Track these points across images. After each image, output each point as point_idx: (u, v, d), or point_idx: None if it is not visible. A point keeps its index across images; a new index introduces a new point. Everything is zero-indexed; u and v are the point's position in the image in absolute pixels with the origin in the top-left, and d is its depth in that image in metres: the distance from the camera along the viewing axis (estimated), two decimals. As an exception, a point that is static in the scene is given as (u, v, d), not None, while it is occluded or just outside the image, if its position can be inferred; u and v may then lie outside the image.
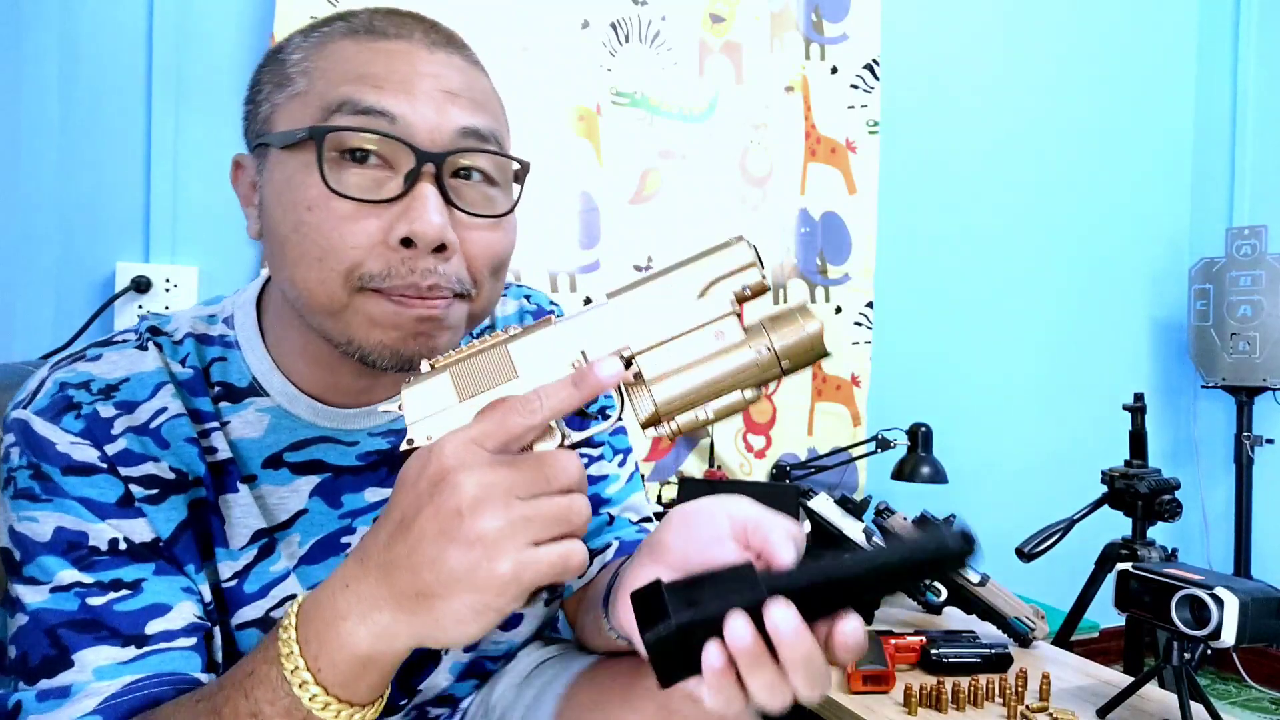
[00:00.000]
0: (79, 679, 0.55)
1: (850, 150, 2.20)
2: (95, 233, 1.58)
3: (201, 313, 0.70)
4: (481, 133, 0.61)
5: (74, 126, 1.55)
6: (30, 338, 1.52)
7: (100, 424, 0.60)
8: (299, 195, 0.58)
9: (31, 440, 0.59)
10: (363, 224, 0.57)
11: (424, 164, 0.57)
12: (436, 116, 0.59)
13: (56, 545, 0.58)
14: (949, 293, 2.45)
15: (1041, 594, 1.84)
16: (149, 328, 0.67)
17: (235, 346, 0.68)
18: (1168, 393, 2.82)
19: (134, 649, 0.57)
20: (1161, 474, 1.68)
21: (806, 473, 2.02)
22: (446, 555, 0.45)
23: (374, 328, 0.58)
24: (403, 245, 0.57)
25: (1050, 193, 2.59)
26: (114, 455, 0.60)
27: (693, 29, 2.03)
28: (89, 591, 0.57)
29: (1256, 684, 2.59)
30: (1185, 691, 1.00)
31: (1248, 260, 2.49)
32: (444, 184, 0.58)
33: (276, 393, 0.67)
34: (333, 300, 0.58)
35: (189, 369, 0.65)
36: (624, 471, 0.87)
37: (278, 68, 0.63)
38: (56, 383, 0.61)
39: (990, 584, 1.28)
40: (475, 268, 0.61)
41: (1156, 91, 2.77)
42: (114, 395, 0.62)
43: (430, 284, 0.58)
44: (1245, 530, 2.57)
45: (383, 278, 0.57)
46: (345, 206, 0.57)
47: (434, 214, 0.57)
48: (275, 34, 1.62)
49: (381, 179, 0.58)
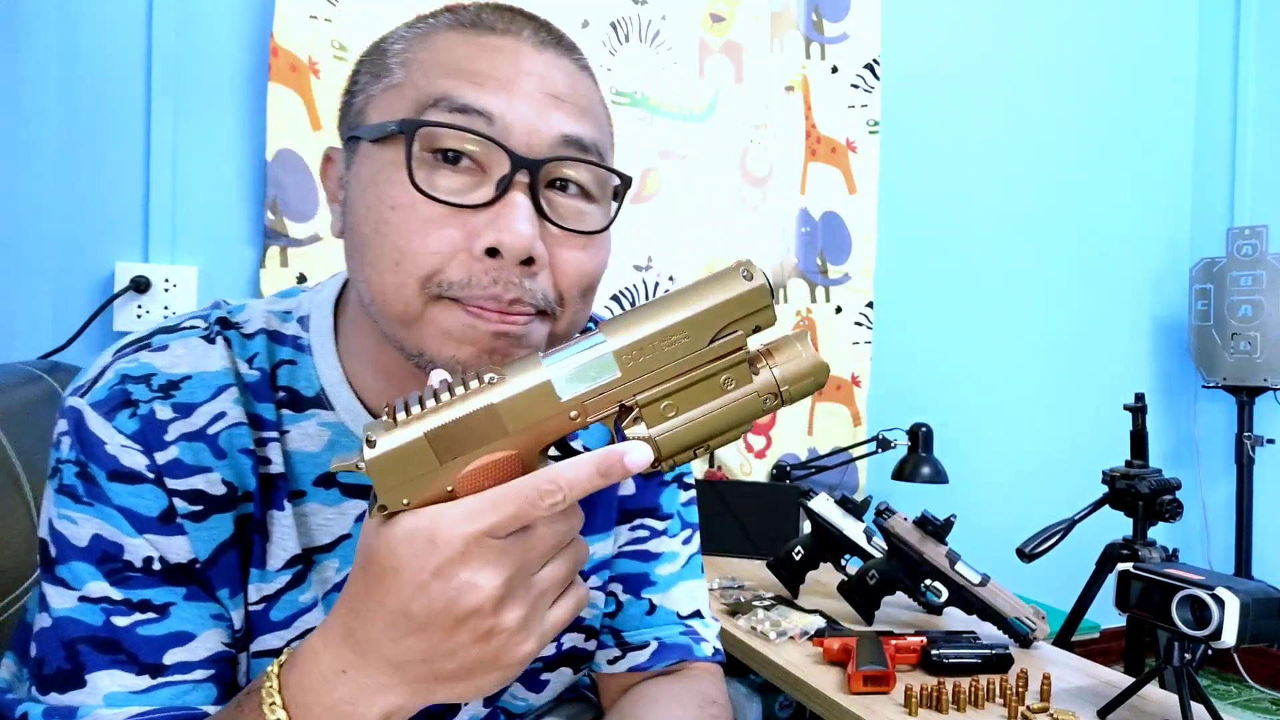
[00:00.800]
0: (88, 702, 0.54)
1: (850, 150, 2.20)
2: (94, 232, 1.58)
3: (276, 307, 0.66)
4: (584, 142, 0.57)
5: (73, 126, 1.55)
6: (29, 338, 1.52)
7: (155, 427, 0.57)
8: (384, 193, 0.55)
9: (83, 435, 0.57)
10: (448, 229, 0.53)
11: (519, 170, 0.54)
12: (537, 120, 0.55)
13: (91, 553, 0.56)
14: (949, 293, 2.44)
15: (1042, 594, 1.84)
16: (219, 319, 0.63)
17: (307, 351, 0.64)
18: (1168, 393, 2.82)
19: (148, 679, 0.55)
20: (1162, 474, 1.68)
21: (807, 473, 2.02)
22: (470, 652, 0.44)
23: (448, 340, 0.54)
24: (488, 255, 0.53)
25: (1050, 192, 2.59)
26: (163, 465, 0.57)
27: (693, 29, 2.03)
28: (116, 610, 0.55)
29: (1257, 684, 2.59)
30: (1186, 692, 1.00)
31: (1248, 260, 2.49)
32: (538, 194, 0.54)
33: (343, 409, 0.63)
34: (408, 308, 0.54)
35: (256, 370, 0.62)
36: (685, 551, 0.81)
37: (378, 58, 0.59)
38: (118, 374, 0.58)
39: (991, 584, 1.28)
40: (563, 286, 0.56)
41: (1157, 91, 2.77)
42: (173, 395, 0.58)
43: (513, 298, 0.53)
44: (1246, 530, 2.57)
45: (462, 286, 0.53)
46: (431, 209, 0.53)
47: (524, 223, 0.53)
48: (275, 34, 1.62)
49: (472, 184, 0.54)
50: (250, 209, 1.68)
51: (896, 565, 1.33)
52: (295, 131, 1.64)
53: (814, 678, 1.15)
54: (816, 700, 1.13)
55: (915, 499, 1.92)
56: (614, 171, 0.59)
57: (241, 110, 1.67)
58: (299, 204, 1.65)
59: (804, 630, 1.29)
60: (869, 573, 1.35)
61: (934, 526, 1.31)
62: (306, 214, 1.66)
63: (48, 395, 1.00)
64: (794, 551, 1.46)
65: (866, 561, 1.40)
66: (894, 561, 1.33)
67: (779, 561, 1.47)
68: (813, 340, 2.18)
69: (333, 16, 1.66)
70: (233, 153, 1.67)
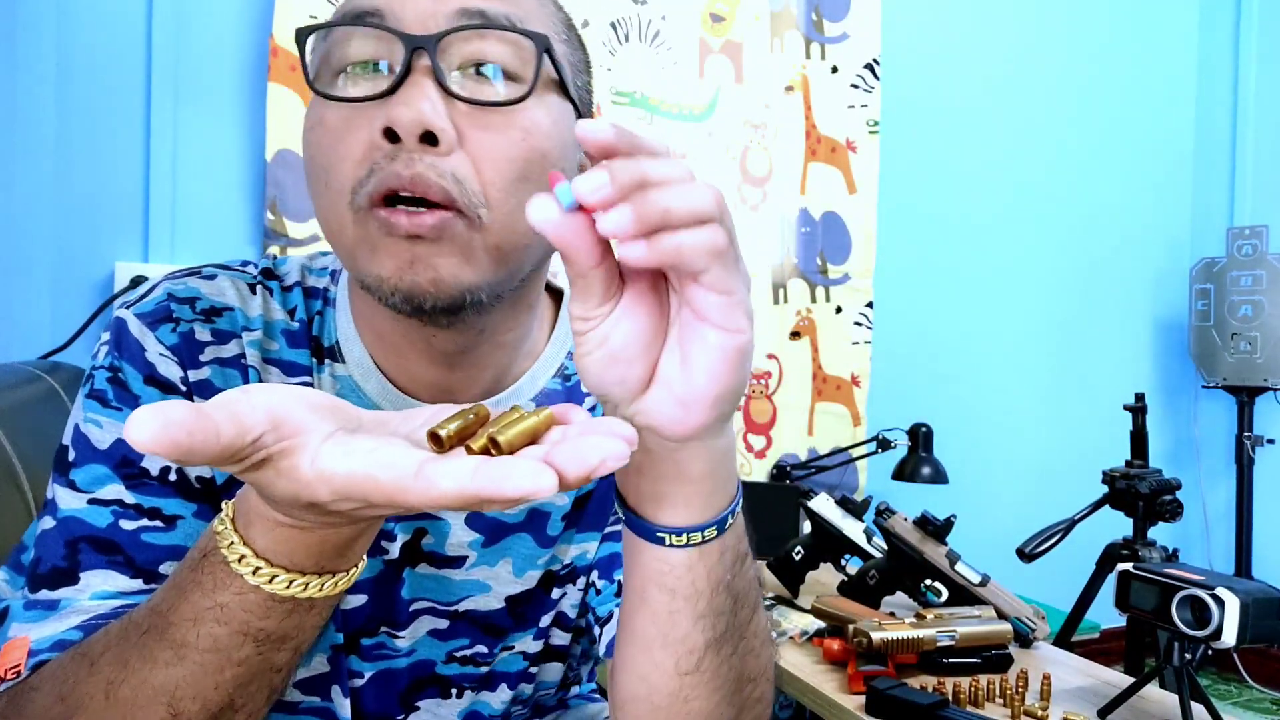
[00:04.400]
0: (75, 597, 0.54)
1: (850, 150, 2.20)
2: (94, 232, 1.58)
3: (313, 263, 0.66)
4: (487, 13, 0.51)
5: (72, 126, 1.55)
6: (29, 337, 1.52)
7: (192, 345, 0.58)
8: (308, 118, 0.54)
9: (124, 341, 0.58)
10: (356, 131, 0.51)
11: (414, 52, 0.49)
12: (432, 3, 0.51)
13: (111, 457, 0.56)
14: (949, 293, 2.44)
15: (1042, 594, 1.83)
16: (264, 270, 0.64)
17: (333, 304, 0.64)
18: (1169, 393, 2.82)
19: (140, 583, 0.55)
20: (1162, 474, 1.68)
21: (807, 473, 2.02)
22: None
23: (371, 256, 0.51)
24: (386, 139, 0.49)
25: (1051, 192, 2.59)
26: (195, 382, 0.58)
27: (693, 28, 2.03)
28: (125, 513, 0.55)
29: (1257, 684, 2.59)
30: (1186, 692, 1.00)
31: (1249, 260, 2.49)
32: (443, 76, 0.50)
33: (354, 363, 0.62)
34: (342, 229, 0.52)
35: (297, 322, 0.62)
36: None
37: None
38: (165, 291, 0.59)
39: (991, 584, 1.28)
40: (485, 176, 0.51)
41: (1157, 91, 2.77)
42: (214, 321, 0.59)
43: (413, 173, 0.49)
44: (1246, 530, 2.57)
45: (366, 181, 0.50)
46: (338, 114, 0.51)
47: (417, 97, 0.49)
48: (275, 34, 1.62)
49: (379, 84, 0.51)
50: (250, 209, 1.68)
51: (896, 565, 1.33)
52: (295, 131, 1.64)
53: (814, 678, 1.15)
54: (816, 700, 1.13)
55: (915, 499, 1.92)
56: (520, 31, 0.52)
57: (241, 110, 1.66)
58: (299, 204, 1.65)
59: (804, 630, 1.29)
60: (869, 573, 1.35)
61: (934, 526, 1.31)
62: (306, 214, 1.66)
63: (48, 395, 1.00)
64: (794, 551, 1.46)
65: (866, 561, 1.40)
66: (894, 561, 1.33)
67: (779, 561, 1.47)
68: (813, 340, 2.18)
69: (332, 16, 1.66)
70: (232, 153, 1.67)
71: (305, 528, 0.41)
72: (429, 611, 0.66)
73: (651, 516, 0.47)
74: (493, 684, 0.70)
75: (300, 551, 0.42)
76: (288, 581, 0.43)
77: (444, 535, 0.65)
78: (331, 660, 0.63)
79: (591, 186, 0.36)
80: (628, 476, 0.48)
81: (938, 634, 1.13)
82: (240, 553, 0.42)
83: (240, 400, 0.35)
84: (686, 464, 0.46)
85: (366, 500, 0.36)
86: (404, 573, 0.64)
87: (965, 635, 1.14)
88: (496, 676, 0.69)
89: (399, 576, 0.64)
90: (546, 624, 0.69)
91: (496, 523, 0.66)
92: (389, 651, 0.65)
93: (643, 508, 0.48)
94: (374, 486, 0.35)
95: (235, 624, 0.43)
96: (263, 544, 0.42)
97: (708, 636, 0.50)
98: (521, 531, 0.67)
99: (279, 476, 0.36)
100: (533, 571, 0.68)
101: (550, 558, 0.68)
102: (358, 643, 0.64)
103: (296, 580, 0.43)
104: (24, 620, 0.53)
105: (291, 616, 0.44)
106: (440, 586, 0.65)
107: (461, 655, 0.67)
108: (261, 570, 0.42)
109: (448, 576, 0.65)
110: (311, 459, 0.36)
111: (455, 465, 0.34)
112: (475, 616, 0.67)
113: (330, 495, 0.36)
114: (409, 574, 0.64)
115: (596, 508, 0.70)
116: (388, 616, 0.64)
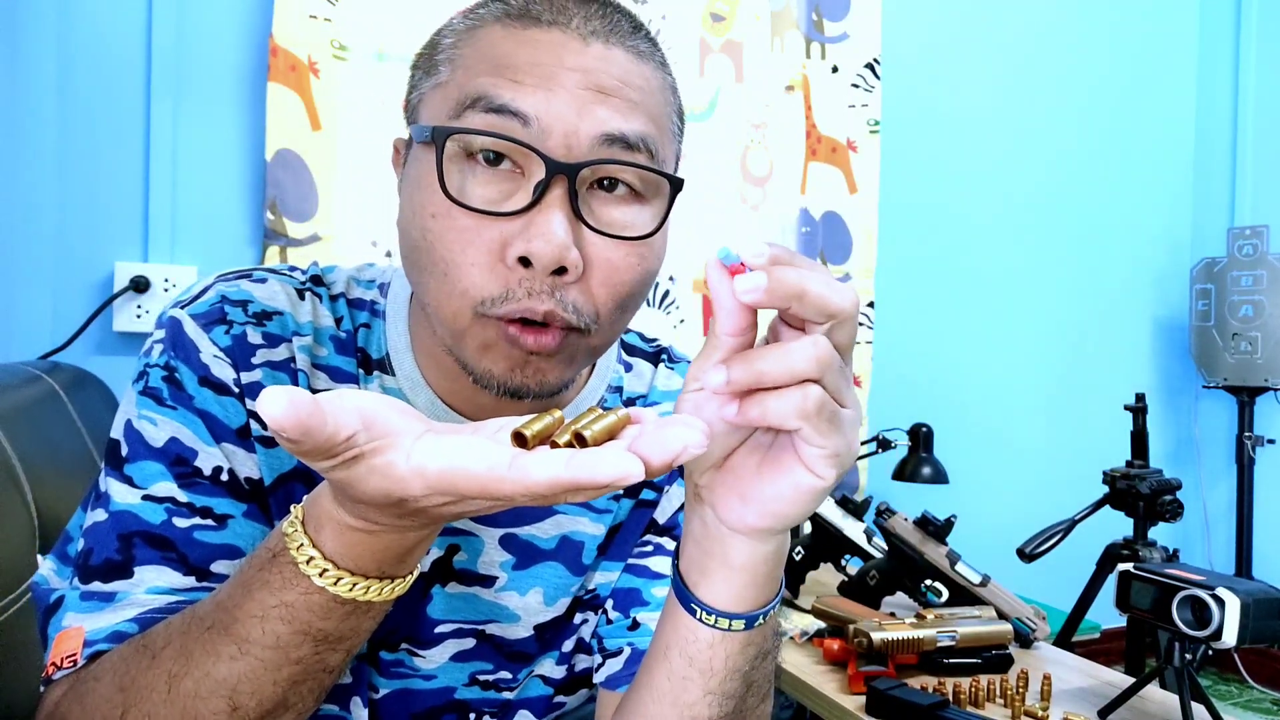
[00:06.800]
0: (131, 590, 0.54)
1: (851, 150, 2.20)
2: (94, 232, 1.57)
3: (360, 275, 0.67)
4: (629, 139, 0.53)
5: (72, 126, 1.55)
6: (28, 338, 1.52)
7: (245, 348, 0.59)
8: (425, 199, 0.54)
9: (180, 341, 0.58)
10: (484, 238, 0.52)
11: (554, 176, 0.51)
12: (577, 119, 0.52)
13: (165, 455, 0.56)
14: (950, 293, 2.44)
15: (1042, 595, 1.83)
16: (312, 276, 0.65)
17: (382, 317, 0.65)
18: (1169, 393, 2.82)
19: (193, 580, 0.55)
20: (1163, 474, 1.68)
21: (807, 473, 2.01)
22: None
23: (485, 354, 0.54)
24: (520, 264, 0.52)
25: (1051, 192, 2.59)
26: (247, 384, 0.58)
27: (693, 28, 2.03)
28: (179, 511, 0.56)
29: (1258, 685, 2.59)
30: (1187, 692, 1.00)
31: (1249, 260, 2.48)
32: (576, 198, 0.52)
33: (404, 377, 0.63)
34: (457, 320, 0.54)
35: (344, 331, 0.63)
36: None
37: (429, 53, 0.58)
38: (219, 294, 0.60)
39: (991, 584, 1.28)
40: (599, 299, 0.54)
41: (1158, 91, 2.77)
42: (265, 325, 0.60)
43: (546, 309, 0.52)
44: (1246, 531, 2.57)
45: (499, 301, 0.52)
46: (467, 218, 0.52)
47: (554, 232, 0.50)
48: (274, 34, 1.62)
49: (510, 189, 0.53)
50: (249, 209, 1.68)
51: (897, 565, 1.33)
52: (295, 131, 1.64)
53: (814, 678, 1.15)
54: (816, 700, 1.13)
55: (915, 499, 1.92)
56: (659, 173, 0.55)
57: (241, 110, 1.66)
58: (298, 204, 1.65)
59: (804, 631, 1.29)
60: (869, 573, 1.35)
61: (934, 526, 1.31)
62: (306, 214, 1.66)
63: (47, 395, 1.00)
64: (794, 551, 1.46)
65: (867, 561, 1.40)
66: (894, 561, 1.33)
67: (779, 561, 1.47)
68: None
69: (332, 16, 1.66)
70: (232, 153, 1.67)
71: (374, 532, 0.43)
72: (455, 634, 0.66)
73: (692, 586, 0.49)
74: (511, 713, 0.69)
75: (365, 555, 0.44)
76: (351, 584, 0.44)
77: (477, 552, 0.65)
78: (354, 670, 0.64)
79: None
80: (686, 539, 0.50)
81: (938, 634, 1.13)
82: (309, 554, 0.44)
83: (334, 400, 0.37)
84: (731, 551, 0.47)
85: (460, 493, 0.37)
86: (433, 589, 0.64)
87: (966, 635, 1.14)
88: (515, 705, 0.69)
89: (427, 593, 0.64)
90: (569, 649, 0.70)
91: (530, 547, 0.66)
92: (408, 670, 0.65)
93: (688, 574, 0.50)
94: (469, 478, 0.36)
95: (298, 623, 0.45)
96: (331, 547, 0.44)
97: (713, 712, 0.52)
98: (553, 560, 0.67)
99: (371, 473, 0.38)
100: (564, 599, 0.68)
101: (580, 585, 0.69)
102: (377, 656, 0.64)
103: (359, 583, 0.45)
104: (80, 611, 0.54)
105: (350, 619, 0.46)
106: (468, 605, 0.66)
107: (484, 679, 0.67)
108: (328, 572, 0.44)
109: (477, 595, 0.66)
110: (407, 455, 0.37)
111: (548, 456, 0.36)
112: (500, 642, 0.67)
113: (423, 489, 0.37)
114: (438, 591, 0.64)
115: (626, 537, 0.70)
116: (411, 633, 0.65)
